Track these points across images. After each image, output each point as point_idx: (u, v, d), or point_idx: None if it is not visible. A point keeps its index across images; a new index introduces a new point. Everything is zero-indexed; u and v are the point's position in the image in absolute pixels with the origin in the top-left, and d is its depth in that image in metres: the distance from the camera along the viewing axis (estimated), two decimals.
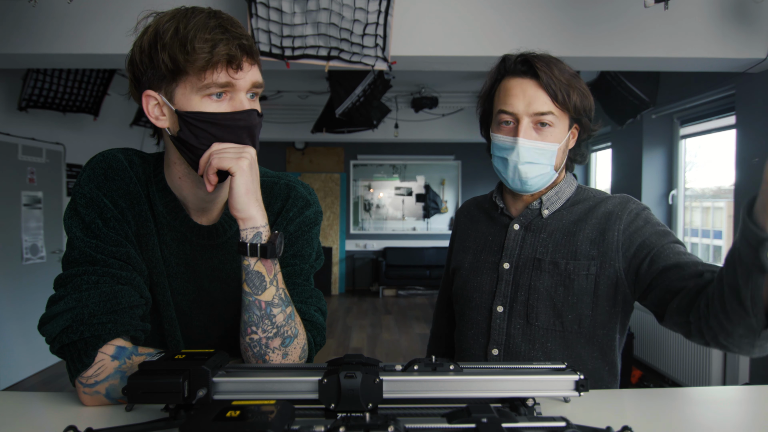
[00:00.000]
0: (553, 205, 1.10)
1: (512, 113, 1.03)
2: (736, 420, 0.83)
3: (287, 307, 0.86)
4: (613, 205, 1.07)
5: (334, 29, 2.45)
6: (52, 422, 0.76)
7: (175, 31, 0.78)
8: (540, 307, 1.05)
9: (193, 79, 0.80)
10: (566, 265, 1.04)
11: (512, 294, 1.09)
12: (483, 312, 1.11)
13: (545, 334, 1.05)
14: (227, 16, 0.83)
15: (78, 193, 0.87)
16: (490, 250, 1.14)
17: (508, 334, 1.08)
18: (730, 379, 3.25)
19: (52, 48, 2.60)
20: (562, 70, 1.03)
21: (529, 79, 1.02)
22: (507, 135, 1.04)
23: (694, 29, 2.60)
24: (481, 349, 1.11)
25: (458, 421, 0.61)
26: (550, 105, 1.01)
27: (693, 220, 4.19)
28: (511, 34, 2.64)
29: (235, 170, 0.80)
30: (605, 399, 0.87)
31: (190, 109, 0.81)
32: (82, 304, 0.80)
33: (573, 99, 1.02)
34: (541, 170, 1.04)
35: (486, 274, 1.12)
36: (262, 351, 0.85)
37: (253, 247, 0.82)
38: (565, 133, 1.05)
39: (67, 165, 4.72)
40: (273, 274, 0.84)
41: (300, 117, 6.23)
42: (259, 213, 0.83)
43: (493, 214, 1.17)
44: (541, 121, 1.02)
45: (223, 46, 0.78)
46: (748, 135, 3.11)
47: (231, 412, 0.56)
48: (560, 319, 1.04)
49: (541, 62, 1.02)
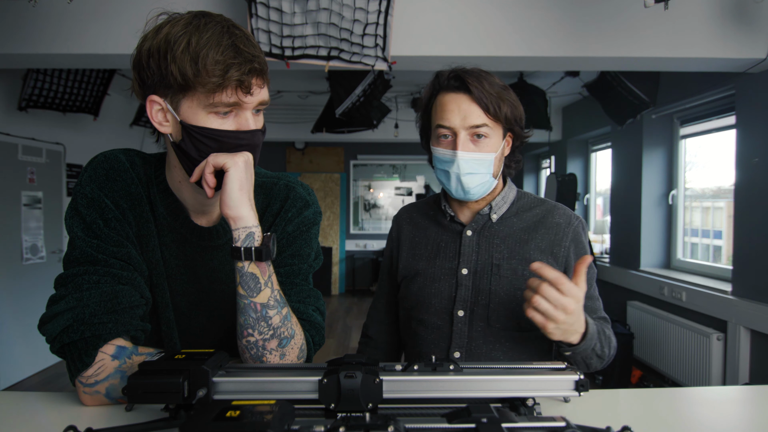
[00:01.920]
0: (500, 209, 1.17)
1: (449, 127, 1.09)
2: (736, 420, 0.83)
3: (283, 308, 0.86)
4: (559, 216, 1.17)
5: (334, 29, 2.45)
6: (52, 422, 0.76)
7: (187, 45, 0.77)
8: (500, 310, 1.11)
9: (200, 96, 0.79)
10: (523, 270, 1.12)
11: (473, 298, 1.13)
12: (443, 317, 1.15)
13: (504, 334, 1.12)
14: (241, 31, 0.82)
15: (79, 193, 0.87)
16: (446, 257, 1.18)
17: (470, 336, 1.13)
18: (730, 379, 3.25)
19: (52, 48, 2.60)
20: (492, 83, 1.09)
21: (462, 94, 1.08)
22: (446, 148, 1.11)
23: (694, 29, 2.60)
24: (442, 352, 1.15)
25: (458, 421, 0.61)
26: (483, 117, 1.07)
27: (693, 220, 4.18)
28: (511, 34, 2.64)
29: (230, 165, 0.80)
30: (605, 399, 0.87)
31: (195, 122, 0.81)
32: (82, 304, 0.80)
33: (504, 110, 1.09)
34: (481, 179, 1.11)
35: (444, 280, 1.17)
36: (259, 353, 0.84)
37: (248, 251, 0.81)
38: (500, 142, 1.12)
39: (67, 165, 4.72)
40: (267, 276, 0.83)
41: (300, 117, 6.23)
42: (251, 213, 0.82)
43: (442, 221, 1.22)
44: (477, 133, 1.08)
45: (235, 71, 0.78)
46: (748, 135, 3.11)
47: (231, 412, 0.56)
48: (517, 321, 1.11)
49: (471, 77, 1.08)
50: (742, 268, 3.16)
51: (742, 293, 3.16)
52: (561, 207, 1.20)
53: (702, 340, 3.42)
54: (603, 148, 5.44)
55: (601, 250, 5.22)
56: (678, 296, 3.72)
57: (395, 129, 6.17)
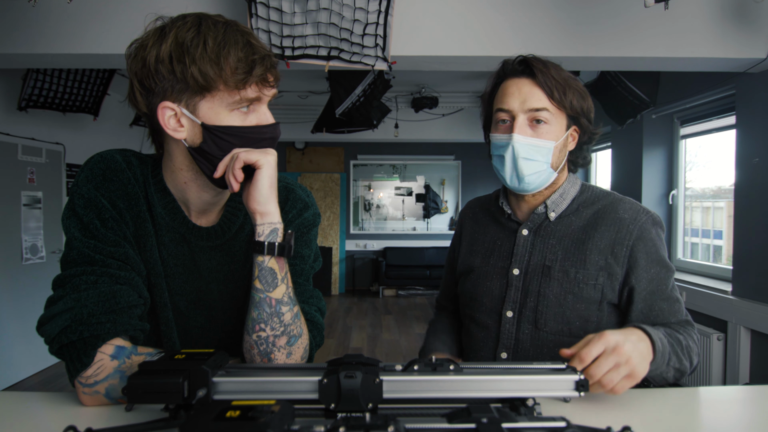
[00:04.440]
0: (558, 207, 1.11)
1: (508, 110, 1.05)
2: (736, 420, 0.83)
3: (294, 306, 0.87)
4: (624, 211, 1.07)
5: (334, 29, 2.45)
6: (52, 422, 0.76)
7: (204, 46, 0.78)
8: (549, 313, 1.06)
9: (223, 94, 0.80)
10: (576, 273, 1.05)
11: (521, 300, 1.09)
12: (493, 316, 1.13)
13: (553, 339, 1.07)
14: (246, 28, 0.84)
15: (76, 194, 0.86)
16: (500, 255, 1.15)
17: (517, 338, 1.09)
18: (730, 379, 3.25)
19: (52, 48, 2.60)
20: (560, 70, 1.06)
21: (525, 78, 1.05)
22: (503, 133, 1.06)
23: (694, 29, 2.60)
24: (490, 351, 1.13)
25: (458, 421, 0.61)
26: (545, 102, 1.03)
27: (693, 220, 4.18)
28: (511, 34, 2.64)
29: (263, 163, 0.82)
30: (605, 399, 0.87)
31: (217, 122, 0.81)
32: (80, 304, 0.80)
33: (569, 97, 1.04)
34: (537, 167, 1.05)
35: (496, 279, 1.14)
36: (268, 349, 0.85)
37: (271, 246, 0.83)
38: (562, 132, 1.06)
39: (67, 165, 4.72)
40: (284, 272, 0.85)
41: (300, 117, 6.23)
42: (276, 210, 0.85)
43: (500, 219, 1.18)
44: (536, 117, 1.03)
45: (259, 67, 0.80)
46: (748, 135, 3.11)
47: (231, 412, 0.56)
48: (568, 326, 1.06)
49: (538, 62, 1.05)
50: (742, 268, 3.16)
51: (742, 293, 3.15)
52: (628, 201, 1.10)
53: (702, 340, 3.42)
54: (603, 148, 5.44)
55: None
56: None
57: (395, 129, 6.17)
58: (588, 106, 1.08)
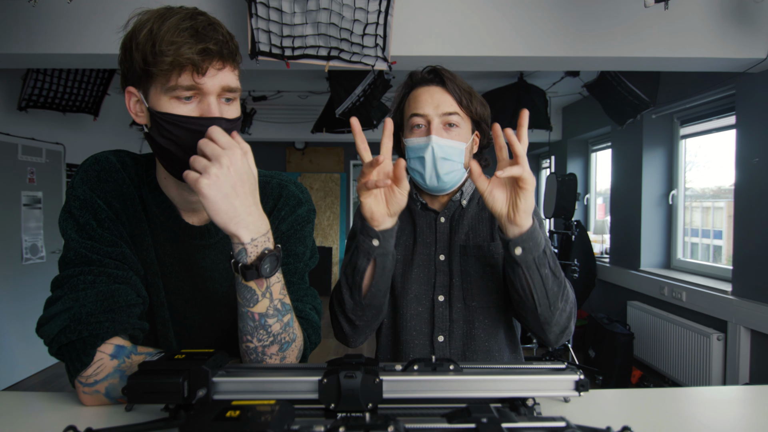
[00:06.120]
0: (468, 194, 1.22)
1: (423, 115, 1.13)
2: (736, 420, 0.83)
3: (284, 316, 0.84)
4: None
5: (334, 29, 2.45)
6: (52, 422, 0.76)
7: (149, 32, 0.78)
8: (473, 288, 1.15)
9: (161, 80, 0.79)
10: (488, 247, 1.16)
11: (449, 282, 1.17)
12: (424, 303, 1.18)
13: (481, 312, 1.16)
14: (207, 18, 0.81)
15: (72, 196, 0.87)
16: (423, 243, 1.21)
17: (451, 319, 1.16)
18: (730, 379, 3.25)
19: (52, 48, 2.60)
20: (463, 81, 1.17)
21: (435, 86, 1.15)
22: (421, 136, 1.13)
23: (694, 29, 2.60)
24: (425, 337, 1.18)
25: (458, 421, 0.61)
26: (455, 107, 1.13)
27: (693, 220, 4.18)
28: (511, 33, 2.64)
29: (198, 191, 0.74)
30: (605, 399, 0.87)
31: (160, 109, 0.81)
32: (79, 304, 0.80)
33: (474, 104, 1.15)
34: (453, 167, 1.13)
35: (423, 266, 1.20)
36: (259, 357, 0.84)
37: (236, 266, 0.78)
38: (469, 135, 1.17)
39: (67, 165, 4.72)
40: (265, 288, 0.81)
41: (300, 117, 6.23)
42: (243, 230, 0.77)
43: (414, 209, 1.24)
44: (449, 121, 1.13)
45: (187, 49, 0.77)
46: (748, 135, 3.11)
47: (231, 412, 0.56)
48: (491, 296, 1.16)
49: (446, 72, 1.16)
50: (742, 268, 3.16)
51: (742, 293, 3.16)
52: None
53: (702, 340, 3.42)
54: (603, 148, 5.44)
55: (601, 250, 5.22)
56: (678, 296, 3.72)
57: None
58: (488, 114, 1.20)
